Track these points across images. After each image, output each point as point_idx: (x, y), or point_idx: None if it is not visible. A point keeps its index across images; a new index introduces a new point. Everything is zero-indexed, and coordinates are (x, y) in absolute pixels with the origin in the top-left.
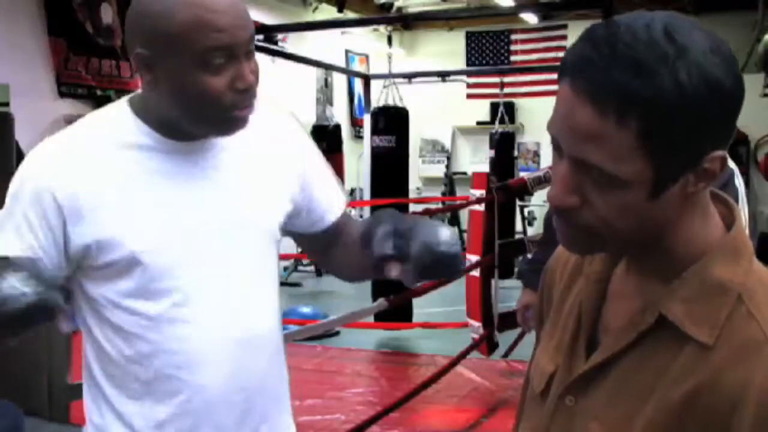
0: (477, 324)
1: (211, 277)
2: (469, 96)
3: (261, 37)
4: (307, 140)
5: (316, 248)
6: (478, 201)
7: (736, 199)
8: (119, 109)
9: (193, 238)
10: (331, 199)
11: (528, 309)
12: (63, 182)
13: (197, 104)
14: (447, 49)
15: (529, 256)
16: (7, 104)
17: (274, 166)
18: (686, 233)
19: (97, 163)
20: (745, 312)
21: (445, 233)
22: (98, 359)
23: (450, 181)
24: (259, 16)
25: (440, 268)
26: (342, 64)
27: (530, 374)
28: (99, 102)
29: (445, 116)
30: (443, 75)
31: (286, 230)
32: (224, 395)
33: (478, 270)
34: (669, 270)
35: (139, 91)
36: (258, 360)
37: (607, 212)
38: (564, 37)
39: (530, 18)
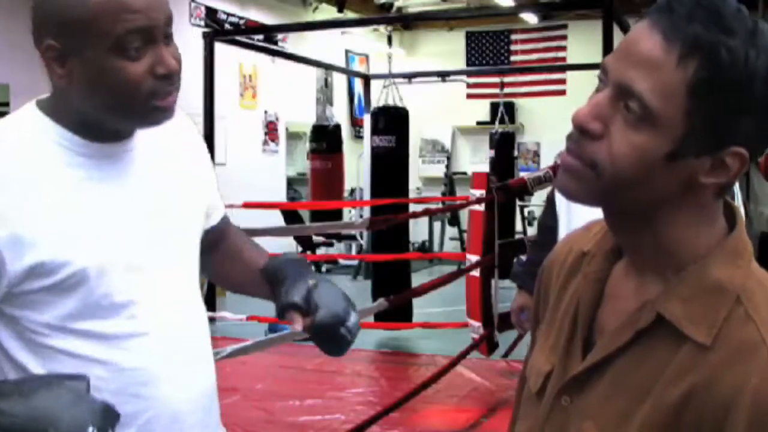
0: (477, 324)
1: (158, 284)
2: (469, 96)
3: (261, 37)
4: (201, 139)
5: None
6: (478, 201)
7: (733, 198)
8: (30, 116)
9: (136, 246)
10: (216, 200)
11: (523, 311)
12: None
13: (116, 94)
14: (447, 49)
15: (523, 257)
16: (7, 104)
17: (190, 164)
18: (686, 231)
19: (19, 182)
20: (743, 313)
21: (353, 319)
22: None
23: (450, 181)
24: (259, 16)
25: (332, 348)
26: (342, 64)
27: (526, 374)
28: None
29: (445, 116)
30: (443, 75)
31: None
32: (188, 403)
33: (478, 270)
34: (668, 269)
35: (46, 95)
36: (209, 363)
37: (622, 149)
38: (564, 37)
39: (530, 18)
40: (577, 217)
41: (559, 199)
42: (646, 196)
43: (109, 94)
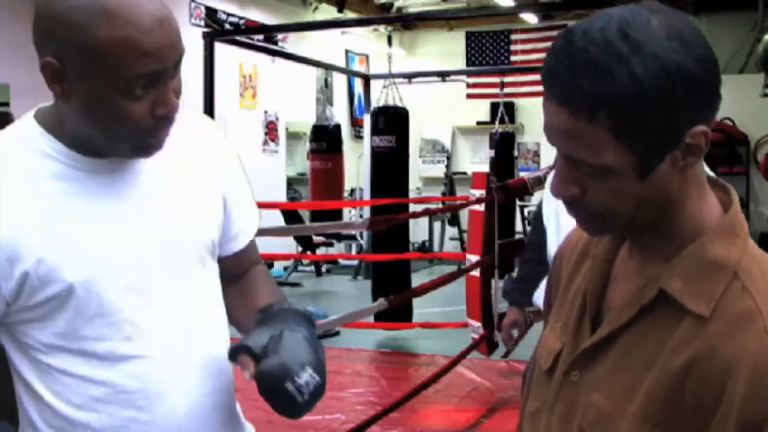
0: (477, 324)
1: (157, 303)
2: (469, 96)
3: (261, 37)
4: (231, 149)
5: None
6: (478, 201)
7: None
8: (27, 128)
9: (132, 263)
10: (244, 223)
11: (514, 327)
12: None
13: (112, 128)
14: (447, 49)
15: (514, 275)
16: (7, 104)
17: (201, 175)
18: (687, 213)
19: (6, 194)
20: (740, 286)
21: (306, 378)
22: (41, 415)
23: (450, 181)
24: (259, 16)
25: (277, 404)
26: (342, 64)
27: (537, 354)
28: None
29: (445, 116)
30: (443, 75)
31: None
32: (190, 422)
33: (478, 270)
34: (669, 250)
35: (46, 104)
36: (221, 381)
37: (606, 198)
38: None
39: (530, 18)
40: (566, 228)
41: (547, 213)
42: (650, 206)
43: (104, 125)
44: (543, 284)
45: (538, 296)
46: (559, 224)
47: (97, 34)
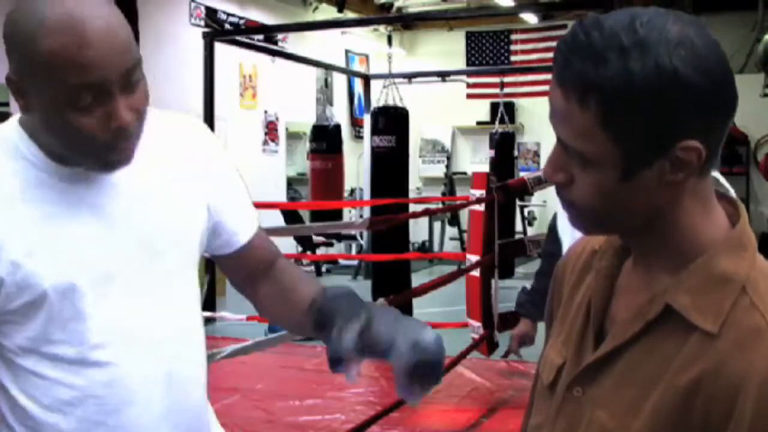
0: (477, 324)
1: (131, 311)
2: (469, 96)
3: (261, 37)
4: (220, 151)
5: (239, 278)
6: (478, 201)
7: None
8: (11, 132)
9: (108, 271)
10: (240, 218)
11: (524, 338)
12: None
13: (69, 141)
14: (447, 49)
15: (528, 286)
16: (7, 104)
17: (183, 181)
18: (687, 228)
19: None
20: (749, 302)
21: (429, 334)
22: (13, 413)
23: (450, 181)
24: (259, 16)
25: (432, 379)
26: (342, 64)
27: (539, 369)
28: None
29: (445, 116)
30: (443, 75)
31: (210, 254)
32: (161, 428)
33: (478, 270)
34: (675, 264)
35: None
36: (191, 393)
37: (587, 191)
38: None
39: (530, 18)
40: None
41: (562, 225)
42: (633, 214)
43: (61, 137)
44: None
45: None
46: (574, 238)
47: (39, 46)
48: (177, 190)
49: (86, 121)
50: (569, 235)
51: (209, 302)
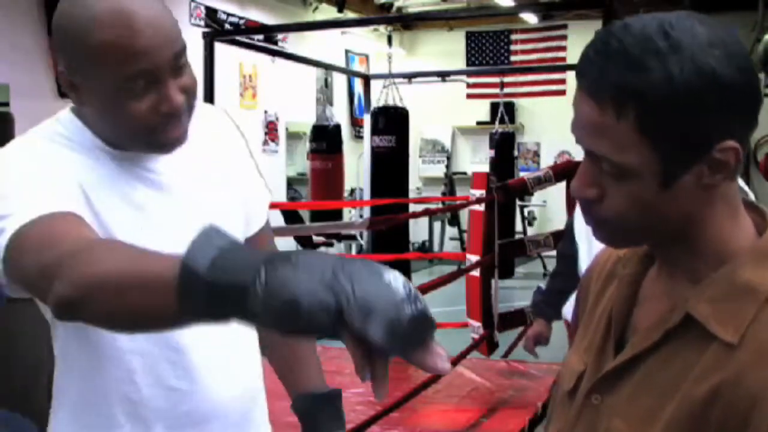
0: (477, 324)
1: None
2: (469, 96)
3: (261, 37)
4: (241, 136)
5: None
6: (478, 201)
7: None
8: (70, 122)
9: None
10: (256, 206)
11: (538, 339)
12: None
13: (121, 127)
14: (447, 49)
15: (543, 287)
16: (7, 104)
17: (225, 167)
18: (715, 234)
19: (77, 165)
20: None
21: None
22: (78, 389)
23: (450, 181)
24: (259, 16)
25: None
26: (342, 64)
27: (560, 374)
28: None
29: (445, 116)
30: (443, 75)
31: None
32: (226, 403)
33: (478, 270)
34: (699, 272)
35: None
36: (251, 366)
37: (622, 204)
38: (564, 37)
39: (530, 18)
40: (598, 245)
41: (578, 228)
42: (669, 222)
43: (114, 124)
44: (573, 298)
45: (567, 310)
46: (591, 241)
47: (89, 41)
48: (220, 176)
49: (137, 106)
50: (585, 237)
51: None
